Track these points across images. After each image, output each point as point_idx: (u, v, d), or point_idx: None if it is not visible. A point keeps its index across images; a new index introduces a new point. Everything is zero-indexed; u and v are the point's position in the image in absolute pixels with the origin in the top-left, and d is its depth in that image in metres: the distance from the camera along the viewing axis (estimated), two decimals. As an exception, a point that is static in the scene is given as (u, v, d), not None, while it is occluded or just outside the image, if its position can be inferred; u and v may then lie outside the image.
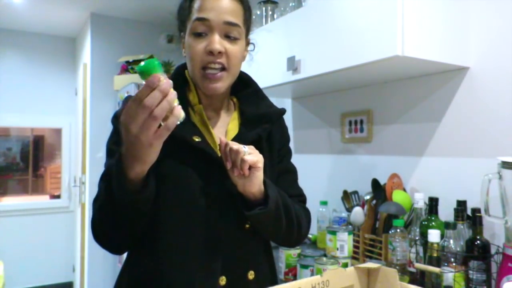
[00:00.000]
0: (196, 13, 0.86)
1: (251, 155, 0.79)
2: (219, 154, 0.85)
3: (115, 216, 0.78)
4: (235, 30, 0.87)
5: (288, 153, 1.06)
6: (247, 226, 0.90)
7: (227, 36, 0.87)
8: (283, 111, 1.00)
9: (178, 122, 0.67)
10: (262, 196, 0.83)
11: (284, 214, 0.87)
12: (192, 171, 0.85)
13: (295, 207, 0.94)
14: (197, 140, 0.86)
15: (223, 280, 0.86)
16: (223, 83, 0.88)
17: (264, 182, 0.83)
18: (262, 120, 0.95)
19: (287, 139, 1.07)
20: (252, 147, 0.82)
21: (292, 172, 1.05)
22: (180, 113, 0.67)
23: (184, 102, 0.91)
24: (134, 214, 0.78)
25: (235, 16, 0.87)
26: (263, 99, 1.00)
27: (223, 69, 0.87)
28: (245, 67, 0.99)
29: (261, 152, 0.92)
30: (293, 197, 0.98)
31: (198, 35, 0.86)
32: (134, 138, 0.65)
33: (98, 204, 0.82)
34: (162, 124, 0.65)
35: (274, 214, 0.84)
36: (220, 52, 0.85)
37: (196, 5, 0.87)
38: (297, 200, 1.00)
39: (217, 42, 0.85)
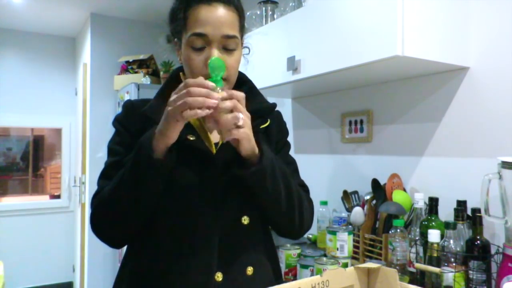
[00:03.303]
0: (192, 27, 0.86)
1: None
2: (214, 152, 0.88)
3: (128, 196, 0.82)
4: (233, 42, 0.88)
5: (286, 146, 1.07)
6: (245, 221, 0.90)
7: (224, 48, 0.88)
8: (274, 105, 1.02)
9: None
10: (257, 158, 0.84)
11: (282, 184, 0.88)
12: (187, 168, 0.87)
13: (296, 185, 0.94)
14: (191, 139, 0.88)
15: (219, 277, 0.86)
16: None
17: (259, 143, 0.85)
18: (255, 116, 0.95)
19: (284, 133, 1.08)
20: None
21: (290, 163, 1.05)
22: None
23: None
24: (152, 188, 0.82)
25: (232, 27, 0.88)
26: (256, 96, 1.01)
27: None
28: (241, 69, 1.00)
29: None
30: None
31: (196, 49, 0.87)
32: (168, 108, 0.76)
33: (110, 188, 0.85)
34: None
35: (270, 177, 0.84)
36: None
37: (191, 16, 0.87)
38: None
39: (216, 56, 0.86)
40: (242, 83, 1.02)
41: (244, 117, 0.78)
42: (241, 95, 0.79)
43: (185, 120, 0.76)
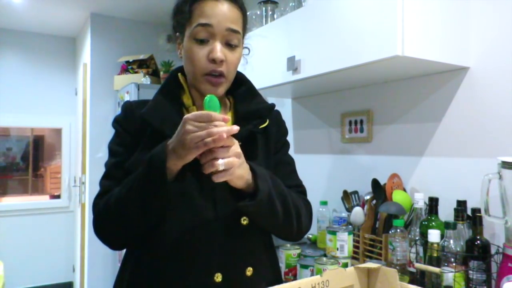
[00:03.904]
0: (198, 19, 0.87)
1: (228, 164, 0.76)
2: None
3: (136, 209, 0.82)
4: (235, 37, 0.89)
5: (285, 145, 1.07)
6: (244, 222, 0.90)
7: (227, 44, 0.88)
8: (272, 106, 1.02)
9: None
10: (252, 187, 0.83)
11: (280, 204, 0.87)
12: (186, 169, 0.86)
13: (292, 196, 0.94)
14: None
15: (218, 277, 0.86)
16: (222, 88, 0.91)
17: (255, 174, 0.83)
18: (253, 117, 0.96)
19: (283, 132, 1.08)
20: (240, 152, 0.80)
21: (288, 163, 1.05)
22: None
23: (178, 104, 0.93)
24: (162, 204, 0.82)
25: (236, 23, 0.89)
26: (255, 96, 1.01)
27: (222, 75, 0.89)
28: (240, 69, 1.00)
29: (255, 147, 0.93)
30: (291, 187, 0.98)
31: (200, 41, 0.87)
32: (186, 137, 0.74)
33: (117, 196, 0.84)
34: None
35: (267, 205, 0.84)
36: (221, 60, 0.87)
37: (197, 10, 0.88)
38: (295, 191, 1.00)
39: (220, 50, 0.86)
40: (241, 83, 1.02)
41: (228, 161, 0.76)
42: (235, 129, 0.77)
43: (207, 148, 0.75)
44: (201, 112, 0.75)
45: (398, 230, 1.35)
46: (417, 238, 1.33)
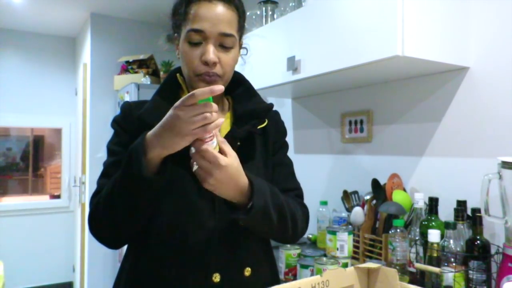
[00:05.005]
0: (191, 23, 0.87)
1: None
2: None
3: (122, 204, 0.81)
4: (229, 40, 0.88)
5: (284, 146, 1.07)
6: (242, 222, 0.90)
7: (221, 45, 0.88)
8: (271, 106, 1.01)
9: (214, 145, 0.77)
10: (248, 199, 0.82)
11: (276, 215, 0.86)
12: (185, 170, 0.86)
13: (289, 204, 0.93)
14: None
15: (216, 277, 0.86)
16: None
17: (252, 189, 0.82)
18: (251, 117, 0.96)
19: (282, 133, 1.07)
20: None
21: (287, 165, 1.05)
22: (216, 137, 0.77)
23: None
24: (146, 201, 0.81)
25: (230, 26, 0.88)
26: (254, 96, 1.01)
27: (217, 76, 0.89)
28: (239, 70, 1.00)
29: (254, 147, 0.94)
30: (288, 191, 0.98)
31: (193, 44, 0.87)
32: (178, 123, 0.71)
33: (105, 193, 0.84)
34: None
35: (261, 218, 0.83)
36: (214, 63, 0.87)
37: (192, 11, 0.87)
38: (293, 195, 1.00)
39: (212, 52, 0.86)
40: (239, 83, 1.02)
41: (207, 175, 0.76)
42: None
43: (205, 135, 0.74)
44: (184, 97, 0.72)
45: (398, 230, 1.35)
46: (417, 238, 1.33)
